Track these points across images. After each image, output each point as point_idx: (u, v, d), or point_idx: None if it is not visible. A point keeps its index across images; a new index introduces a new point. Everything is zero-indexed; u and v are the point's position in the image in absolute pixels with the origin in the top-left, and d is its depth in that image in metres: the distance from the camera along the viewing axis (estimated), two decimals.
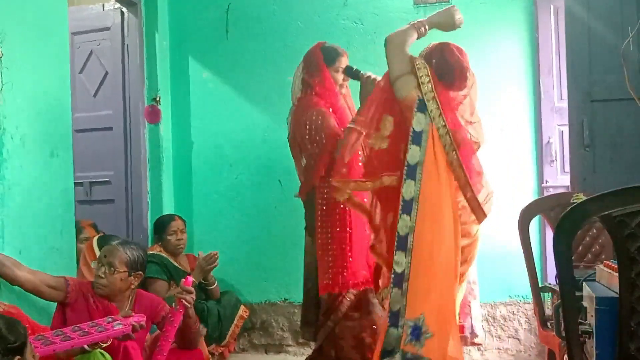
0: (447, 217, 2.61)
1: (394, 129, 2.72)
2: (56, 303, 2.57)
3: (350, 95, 3.28)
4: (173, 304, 2.62)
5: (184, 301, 2.57)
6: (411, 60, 2.72)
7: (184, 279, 2.69)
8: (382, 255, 2.75)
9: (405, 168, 2.62)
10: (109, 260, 2.59)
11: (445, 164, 2.62)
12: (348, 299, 3.04)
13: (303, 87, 3.15)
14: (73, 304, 2.54)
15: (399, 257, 2.56)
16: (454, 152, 2.63)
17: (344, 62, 3.17)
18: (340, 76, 3.17)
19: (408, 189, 2.60)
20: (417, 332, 2.49)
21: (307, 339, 3.37)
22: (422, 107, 2.65)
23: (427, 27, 2.85)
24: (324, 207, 3.04)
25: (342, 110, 3.14)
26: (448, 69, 2.74)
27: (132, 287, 2.66)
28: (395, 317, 2.53)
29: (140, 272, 2.69)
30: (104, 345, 2.27)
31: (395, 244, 2.58)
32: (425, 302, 2.53)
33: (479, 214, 2.72)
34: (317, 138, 3.01)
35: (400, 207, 2.60)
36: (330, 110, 3.09)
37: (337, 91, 3.15)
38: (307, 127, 3.03)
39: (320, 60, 3.12)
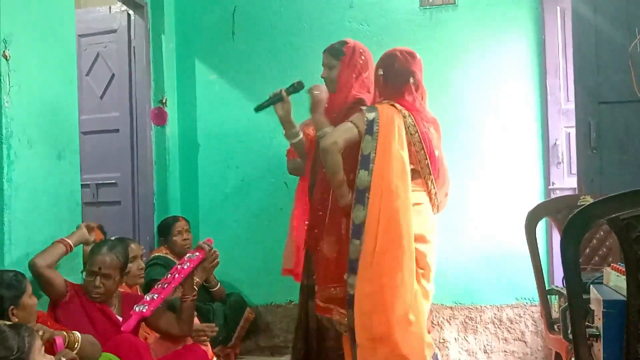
0: (397, 240, 2.60)
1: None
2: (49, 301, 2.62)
3: None
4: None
5: (205, 246, 2.74)
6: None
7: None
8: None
9: (355, 193, 2.64)
10: (105, 272, 2.63)
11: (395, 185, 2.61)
12: None
13: None
14: (68, 304, 2.60)
15: (352, 279, 2.60)
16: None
17: None
18: None
19: (358, 214, 2.62)
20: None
21: None
22: (370, 129, 2.65)
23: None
24: None
25: None
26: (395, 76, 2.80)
27: (121, 284, 2.79)
28: (353, 338, 2.59)
29: (128, 271, 2.82)
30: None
31: (348, 266, 2.61)
32: (371, 326, 2.56)
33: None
34: None
35: (350, 232, 2.63)
36: None
37: None
38: None
39: None
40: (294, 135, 3.13)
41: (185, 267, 2.73)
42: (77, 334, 2.20)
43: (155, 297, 2.63)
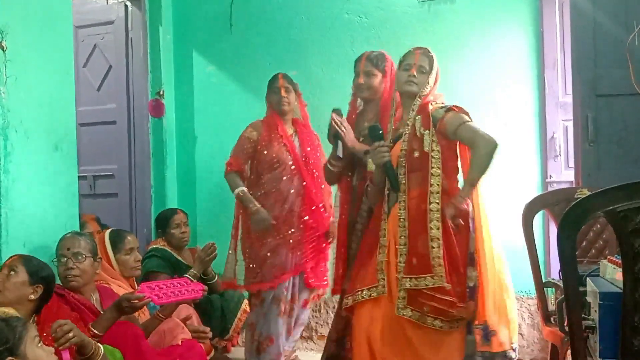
0: (485, 219, 2.83)
1: None
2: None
3: None
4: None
5: (203, 292, 2.77)
6: None
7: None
8: None
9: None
10: (75, 251, 2.60)
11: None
12: None
13: None
14: (50, 307, 2.43)
15: (470, 272, 2.67)
16: None
17: None
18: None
19: None
20: (486, 333, 2.69)
21: None
22: None
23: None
24: None
25: None
26: None
27: (97, 273, 2.72)
28: (469, 326, 2.69)
29: (100, 258, 2.76)
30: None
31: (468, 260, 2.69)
32: (486, 305, 2.69)
33: None
34: None
35: None
36: None
37: None
38: None
39: None
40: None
41: (186, 293, 2.69)
42: (102, 348, 2.16)
43: (166, 290, 2.59)
